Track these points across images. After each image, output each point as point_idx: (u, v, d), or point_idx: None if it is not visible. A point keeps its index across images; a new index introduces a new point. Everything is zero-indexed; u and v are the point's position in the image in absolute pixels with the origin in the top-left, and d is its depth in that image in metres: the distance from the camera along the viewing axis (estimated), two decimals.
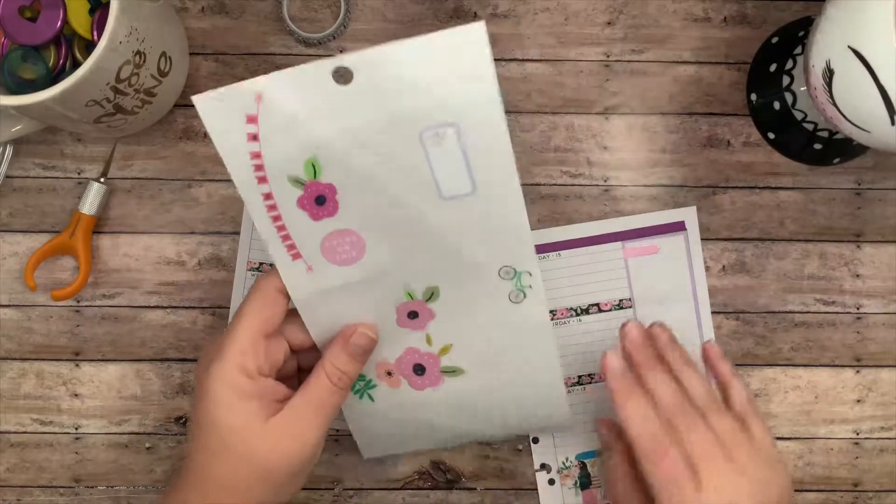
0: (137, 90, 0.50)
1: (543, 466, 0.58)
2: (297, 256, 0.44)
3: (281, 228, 0.43)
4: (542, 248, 0.57)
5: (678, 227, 0.58)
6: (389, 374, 0.49)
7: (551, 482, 0.58)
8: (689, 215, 0.58)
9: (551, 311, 0.56)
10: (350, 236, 0.43)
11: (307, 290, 0.45)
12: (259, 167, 0.41)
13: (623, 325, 0.49)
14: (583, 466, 0.57)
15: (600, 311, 0.57)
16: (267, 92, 0.39)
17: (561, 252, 0.57)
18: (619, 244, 0.58)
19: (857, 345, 0.59)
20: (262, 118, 0.40)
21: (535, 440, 0.58)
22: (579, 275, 0.57)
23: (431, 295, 0.46)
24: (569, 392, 0.57)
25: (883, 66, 0.43)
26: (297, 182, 0.42)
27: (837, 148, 0.58)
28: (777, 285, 0.59)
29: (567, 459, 0.58)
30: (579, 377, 0.57)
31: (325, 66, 0.39)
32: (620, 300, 0.58)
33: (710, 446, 0.43)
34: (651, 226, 0.58)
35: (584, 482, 0.57)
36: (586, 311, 0.57)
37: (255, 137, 0.40)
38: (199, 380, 0.44)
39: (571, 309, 0.57)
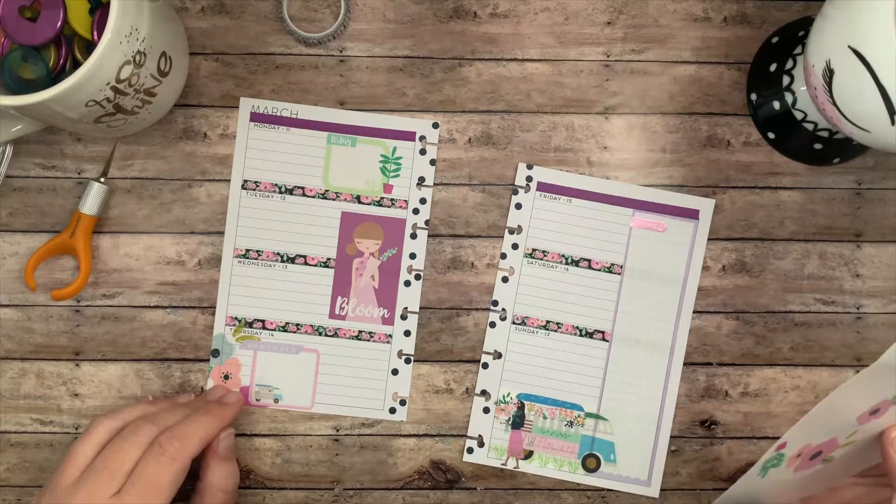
0: (137, 90, 0.50)
1: (484, 393, 0.58)
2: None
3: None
4: (556, 190, 0.58)
5: (692, 214, 0.58)
6: (799, 455, 0.47)
7: (486, 410, 0.58)
8: (705, 206, 0.58)
9: (543, 251, 0.58)
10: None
11: None
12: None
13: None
14: (521, 406, 0.58)
15: (590, 267, 0.58)
16: None
17: (572, 199, 0.58)
18: (629, 211, 0.58)
19: (857, 345, 0.59)
20: None
21: (485, 365, 0.58)
22: (582, 227, 0.58)
23: None
24: (532, 334, 0.58)
25: (883, 66, 0.43)
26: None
27: (837, 148, 0.58)
28: (777, 285, 0.59)
29: (508, 394, 0.58)
30: (546, 322, 0.58)
31: None
32: (612, 264, 0.58)
33: None
34: (666, 204, 0.58)
35: (517, 422, 0.58)
36: (576, 263, 0.58)
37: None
38: None
39: (563, 256, 0.58)
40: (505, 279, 0.58)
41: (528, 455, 0.58)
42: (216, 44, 0.58)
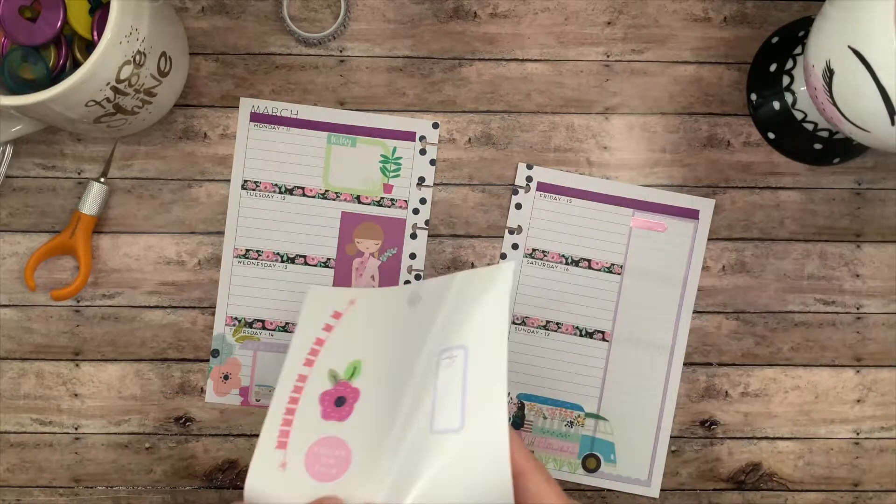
0: (137, 90, 0.50)
1: None
2: (282, 445, 0.43)
3: (290, 412, 0.44)
4: (556, 190, 0.58)
5: (692, 214, 0.58)
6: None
7: None
8: (705, 207, 0.58)
9: (543, 251, 0.58)
10: (340, 450, 0.42)
11: (265, 486, 0.41)
12: (315, 352, 0.45)
13: None
14: (521, 406, 0.58)
15: (590, 267, 0.58)
16: (360, 300, 0.46)
17: (572, 199, 0.58)
18: (629, 211, 0.58)
19: (857, 345, 0.59)
20: (345, 317, 0.46)
21: None
22: (582, 227, 0.58)
23: None
24: (532, 334, 0.58)
25: (883, 66, 0.43)
26: (333, 377, 0.44)
27: (837, 148, 0.58)
28: (777, 285, 0.59)
29: (508, 394, 0.58)
30: (546, 322, 0.58)
31: (405, 291, 0.45)
32: (612, 264, 0.58)
33: None
34: (666, 204, 0.58)
35: (518, 422, 0.58)
36: (576, 263, 0.58)
37: (329, 329, 0.46)
38: None
39: (563, 256, 0.58)
40: None
41: None
42: (216, 44, 0.58)
